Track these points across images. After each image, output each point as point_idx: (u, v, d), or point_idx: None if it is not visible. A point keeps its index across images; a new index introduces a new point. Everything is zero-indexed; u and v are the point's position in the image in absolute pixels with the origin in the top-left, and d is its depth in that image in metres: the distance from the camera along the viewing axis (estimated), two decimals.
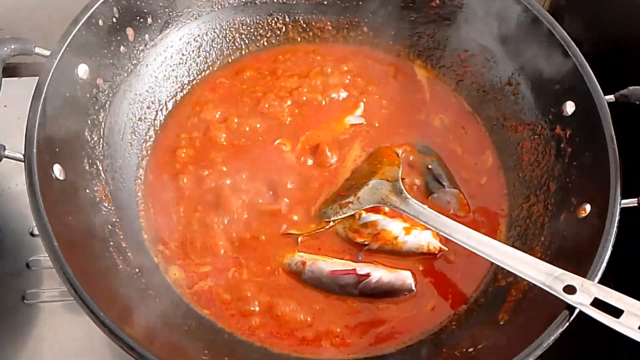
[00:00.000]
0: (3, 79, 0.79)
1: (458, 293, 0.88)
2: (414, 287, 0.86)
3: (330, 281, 0.85)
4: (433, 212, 0.84)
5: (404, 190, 0.88)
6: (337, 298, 0.86)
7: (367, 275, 0.84)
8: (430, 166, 0.96)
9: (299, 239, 0.89)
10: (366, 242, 0.88)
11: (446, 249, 0.88)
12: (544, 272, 0.73)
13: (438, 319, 0.86)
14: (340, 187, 0.94)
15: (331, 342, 0.83)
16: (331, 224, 0.90)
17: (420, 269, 0.88)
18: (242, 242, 0.89)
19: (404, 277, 0.85)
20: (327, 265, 0.85)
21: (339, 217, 0.89)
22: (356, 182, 0.93)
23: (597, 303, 0.69)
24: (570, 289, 0.70)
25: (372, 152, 0.98)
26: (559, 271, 0.72)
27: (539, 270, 0.74)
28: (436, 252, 0.88)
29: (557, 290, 0.71)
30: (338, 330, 0.84)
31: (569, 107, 0.89)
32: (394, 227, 0.88)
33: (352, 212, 0.89)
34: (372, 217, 0.89)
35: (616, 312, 0.67)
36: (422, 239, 0.88)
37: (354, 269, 0.84)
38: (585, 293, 0.69)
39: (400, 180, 0.89)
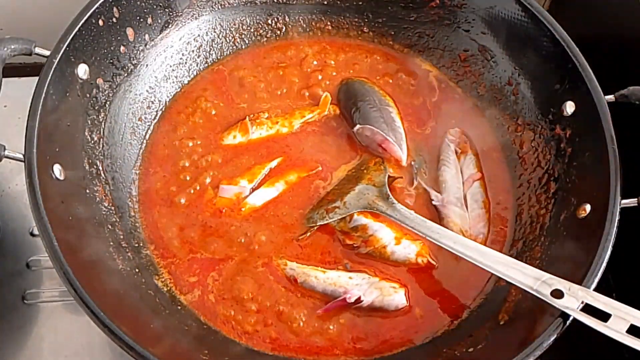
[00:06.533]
0: (3, 79, 0.80)
1: (458, 295, 0.87)
2: (407, 304, 0.84)
3: (323, 297, 0.84)
4: (419, 217, 0.84)
5: (391, 195, 0.87)
6: None
7: (358, 300, 0.82)
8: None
9: (298, 240, 0.89)
10: (356, 245, 0.87)
11: (436, 265, 0.87)
12: (531, 276, 0.73)
13: (438, 321, 0.85)
14: (327, 192, 0.93)
15: (330, 344, 0.83)
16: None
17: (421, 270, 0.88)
18: (242, 243, 0.89)
19: (397, 301, 0.83)
20: (319, 283, 0.84)
21: (325, 222, 0.88)
22: (343, 187, 0.92)
23: (586, 306, 0.68)
24: (558, 293, 0.70)
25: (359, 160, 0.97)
26: (546, 275, 0.72)
27: (526, 274, 0.74)
28: (423, 266, 0.87)
29: (545, 295, 0.71)
30: (337, 333, 0.83)
31: (569, 107, 0.89)
32: (384, 235, 0.87)
33: (339, 217, 0.88)
34: (363, 220, 0.88)
35: (604, 316, 0.67)
36: (411, 251, 0.86)
37: (344, 299, 0.82)
38: (573, 297, 0.69)
39: (386, 186, 0.89)
